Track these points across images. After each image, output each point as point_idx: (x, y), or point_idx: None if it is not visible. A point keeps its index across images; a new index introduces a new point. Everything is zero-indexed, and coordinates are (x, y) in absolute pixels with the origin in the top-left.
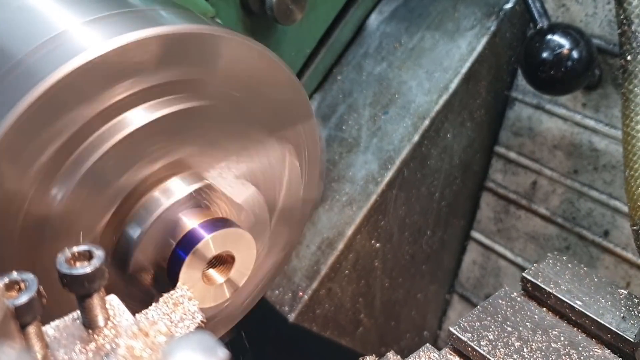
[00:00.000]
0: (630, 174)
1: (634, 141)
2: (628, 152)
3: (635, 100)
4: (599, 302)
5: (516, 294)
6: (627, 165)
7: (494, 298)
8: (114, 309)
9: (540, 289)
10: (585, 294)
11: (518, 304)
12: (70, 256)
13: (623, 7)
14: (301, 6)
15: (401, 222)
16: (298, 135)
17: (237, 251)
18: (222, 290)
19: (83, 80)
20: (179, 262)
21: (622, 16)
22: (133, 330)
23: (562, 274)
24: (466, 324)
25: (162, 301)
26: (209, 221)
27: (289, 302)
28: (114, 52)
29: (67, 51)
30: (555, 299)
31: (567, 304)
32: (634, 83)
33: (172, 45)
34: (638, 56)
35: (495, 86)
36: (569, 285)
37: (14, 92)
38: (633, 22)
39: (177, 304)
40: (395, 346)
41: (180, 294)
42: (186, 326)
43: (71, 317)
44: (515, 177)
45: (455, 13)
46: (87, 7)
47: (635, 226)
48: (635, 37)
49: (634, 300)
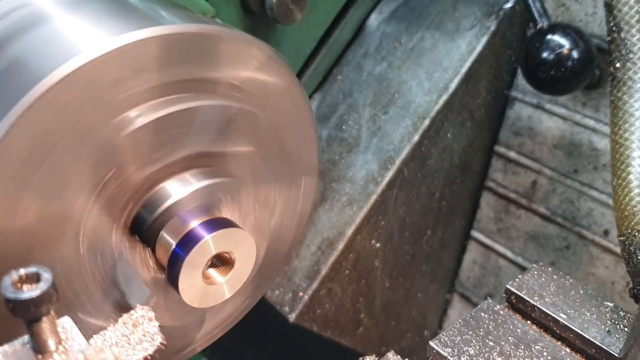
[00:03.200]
0: (618, 183)
1: (622, 149)
2: (616, 160)
3: (624, 108)
4: (584, 315)
5: (499, 307)
6: (614, 173)
7: (476, 311)
8: (67, 332)
9: (524, 301)
10: (570, 306)
11: (501, 317)
12: (16, 279)
13: (613, 14)
14: (301, 6)
15: (401, 221)
16: (297, 188)
17: (237, 251)
18: (222, 290)
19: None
20: (178, 261)
21: (611, 23)
22: (78, 358)
23: (546, 286)
24: (447, 338)
25: (122, 322)
26: (209, 221)
27: (289, 302)
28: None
29: (66, 51)
30: (539, 312)
31: (551, 317)
32: (622, 90)
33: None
34: (627, 63)
35: (495, 86)
36: (553, 297)
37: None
38: (622, 29)
39: (136, 325)
40: (396, 346)
41: (140, 314)
42: (144, 348)
43: (21, 342)
44: (515, 177)
45: (455, 13)
46: (89, 9)
47: (622, 237)
48: (624, 45)
49: (620, 313)
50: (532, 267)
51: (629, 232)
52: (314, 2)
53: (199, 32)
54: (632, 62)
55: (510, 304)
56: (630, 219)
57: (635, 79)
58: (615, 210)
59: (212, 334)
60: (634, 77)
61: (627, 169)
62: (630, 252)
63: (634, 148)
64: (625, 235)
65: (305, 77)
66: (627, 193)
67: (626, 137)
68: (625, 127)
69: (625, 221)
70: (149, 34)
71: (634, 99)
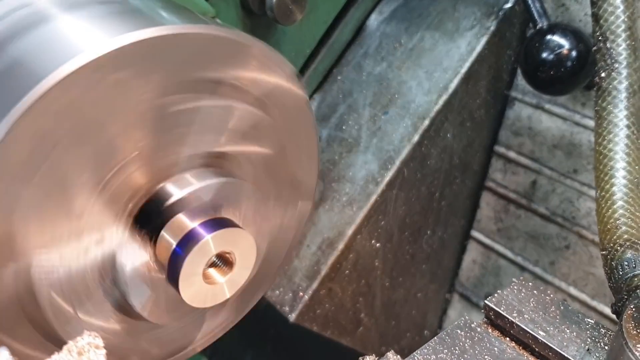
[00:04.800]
0: (602, 195)
1: (606, 160)
2: (599, 172)
3: (608, 118)
4: (564, 332)
5: (476, 323)
6: (598, 185)
7: (452, 328)
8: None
9: (502, 317)
10: (549, 323)
11: (478, 334)
12: None
13: (599, 23)
14: (301, 6)
15: (401, 221)
16: (290, 216)
17: (238, 251)
18: (222, 290)
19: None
20: (179, 261)
21: (598, 33)
22: None
23: (526, 302)
24: (421, 357)
25: (67, 349)
26: (209, 221)
27: (289, 302)
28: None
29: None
30: (518, 328)
31: (530, 334)
32: (607, 100)
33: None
34: (612, 73)
35: (494, 86)
36: (533, 314)
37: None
38: (608, 39)
39: (81, 353)
40: (396, 345)
41: (86, 341)
42: None
43: None
44: (515, 177)
45: (455, 13)
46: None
47: (604, 251)
48: (610, 54)
49: (601, 330)
50: (513, 281)
51: (611, 247)
52: (314, 2)
53: (200, 33)
54: (617, 72)
55: (489, 320)
56: (613, 233)
57: (620, 88)
58: (598, 223)
59: (212, 334)
60: (619, 87)
61: (610, 181)
62: (612, 267)
63: (618, 159)
64: (607, 250)
65: (305, 77)
66: (610, 205)
67: (610, 147)
68: (610, 138)
69: (608, 235)
70: (149, 34)
71: (618, 109)
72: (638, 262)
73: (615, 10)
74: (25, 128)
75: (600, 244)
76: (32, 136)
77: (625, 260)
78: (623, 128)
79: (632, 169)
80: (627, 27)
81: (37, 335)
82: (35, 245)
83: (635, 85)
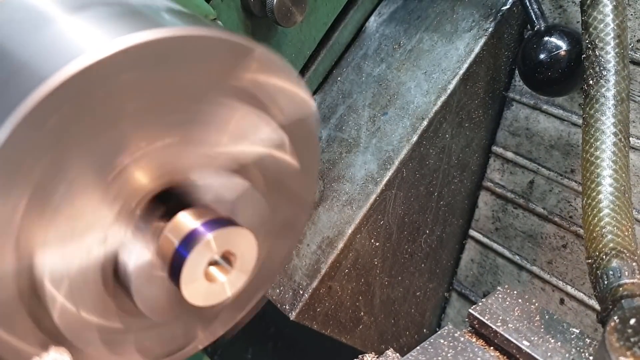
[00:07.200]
0: (588, 203)
1: (593, 167)
2: (586, 179)
3: (595, 126)
4: (548, 342)
5: (459, 333)
6: (584, 193)
7: (436, 337)
8: None
9: (486, 326)
10: (534, 333)
11: (461, 344)
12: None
13: (589, 31)
14: (301, 8)
15: (400, 221)
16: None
17: (240, 250)
18: (224, 288)
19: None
20: (180, 260)
21: (587, 40)
22: None
23: (511, 311)
24: None
25: None
26: (211, 220)
27: (289, 301)
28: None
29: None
30: (502, 338)
31: (514, 344)
32: (595, 108)
33: None
34: (600, 81)
35: (492, 87)
36: (517, 323)
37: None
38: (597, 47)
39: None
40: (395, 343)
41: (52, 357)
42: None
43: None
44: (512, 177)
45: (453, 15)
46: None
47: (590, 259)
48: (598, 62)
49: (586, 340)
50: (497, 290)
51: (597, 255)
52: (314, 4)
53: (201, 35)
54: (605, 80)
55: (473, 329)
56: (599, 241)
57: (608, 96)
58: (584, 231)
59: (214, 332)
60: (607, 95)
61: (597, 188)
62: (597, 275)
63: (605, 167)
64: (593, 258)
65: (305, 78)
66: (597, 214)
67: (597, 155)
68: (597, 145)
69: (594, 243)
70: (150, 35)
71: (605, 116)
72: (623, 271)
73: (604, 18)
74: (30, 126)
75: (586, 252)
76: (36, 134)
77: (610, 269)
78: (610, 135)
79: (619, 176)
80: (616, 35)
81: (38, 332)
82: (39, 244)
83: (623, 93)
